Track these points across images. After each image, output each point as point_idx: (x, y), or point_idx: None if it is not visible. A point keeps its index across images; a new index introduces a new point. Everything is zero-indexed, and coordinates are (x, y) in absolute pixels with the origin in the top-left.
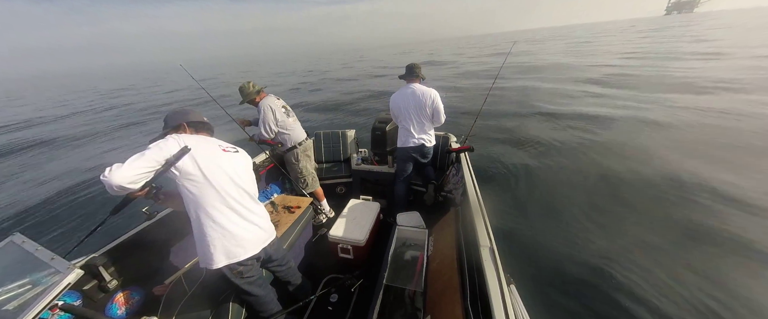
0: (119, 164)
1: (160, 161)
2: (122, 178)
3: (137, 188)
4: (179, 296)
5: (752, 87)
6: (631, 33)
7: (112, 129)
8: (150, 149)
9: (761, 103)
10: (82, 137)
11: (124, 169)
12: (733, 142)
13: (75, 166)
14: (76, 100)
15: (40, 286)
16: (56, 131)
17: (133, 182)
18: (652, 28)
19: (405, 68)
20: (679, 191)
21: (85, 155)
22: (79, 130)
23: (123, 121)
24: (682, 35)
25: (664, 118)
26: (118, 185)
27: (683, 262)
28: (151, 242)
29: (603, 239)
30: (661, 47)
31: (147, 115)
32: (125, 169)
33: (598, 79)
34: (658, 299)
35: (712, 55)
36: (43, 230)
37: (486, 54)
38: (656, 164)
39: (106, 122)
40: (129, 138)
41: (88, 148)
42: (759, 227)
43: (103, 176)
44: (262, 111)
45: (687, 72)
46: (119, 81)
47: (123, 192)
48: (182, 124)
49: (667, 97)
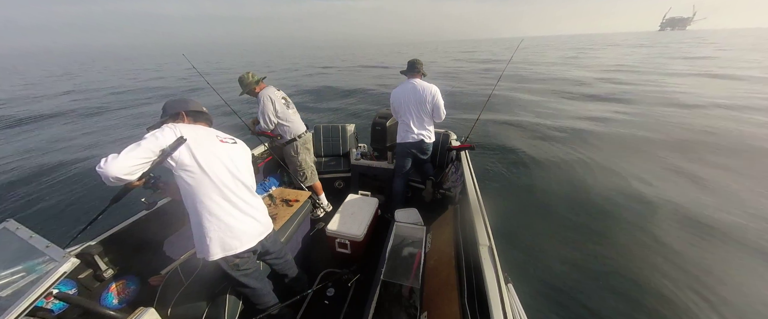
0: (115, 155)
1: (155, 151)
2: (118, 169)
3: (134, 179)
4: (175, 287)
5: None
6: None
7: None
8: (146, 139)
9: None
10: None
11: (119, 160)
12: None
13: (73, 151)
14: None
15: (35, 274)
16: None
17: (129, 173)
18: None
19: (407, 64)
20: (680, 191)
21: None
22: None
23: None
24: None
25: (664, 127)
26: (114, 176)
27: (683, 262)
28: (147, 232)
29: (602, 239)
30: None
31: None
32: (121, 160)
33: (597, 88)
34: (655, 298)
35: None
36: (36, 217)
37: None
38: (656, 169)
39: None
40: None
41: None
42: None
43: (99, 166)
44: (262, 102)
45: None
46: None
47: (120, 183)
48: (180, 113)
49: (664, 110)
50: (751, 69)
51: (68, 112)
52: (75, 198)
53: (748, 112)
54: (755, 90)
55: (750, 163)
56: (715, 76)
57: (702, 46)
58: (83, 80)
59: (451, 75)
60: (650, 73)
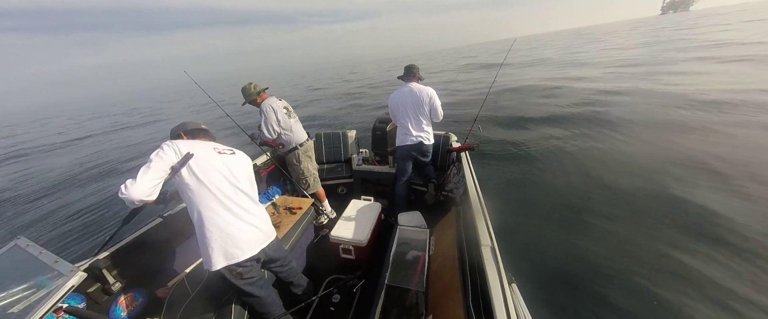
0: (132, 180)
1: (165, 169)
2: (140, 192)
3: (154, 198)
4: (182, 298)
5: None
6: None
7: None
8: (152, 160)
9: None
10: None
11: (138, 184)
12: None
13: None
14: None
15: (44, 289)
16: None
17: (149, 194)
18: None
19: (403, 69)
20: (681, 191)
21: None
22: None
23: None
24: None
25: (676, 121)
26: (138, 199)
27: (683, 262)
28: (153, 244)
29: (605, 239)
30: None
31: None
32: (139, 183)
33: (602, 82)
34: (659, 297)
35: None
36: (45, 234)
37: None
38: (662, 166)
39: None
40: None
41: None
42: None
43: (121, 193)
44: (265, 112)
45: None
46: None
47: (142, 204)
48: (179, 134)
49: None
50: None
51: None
52: (89, 214)
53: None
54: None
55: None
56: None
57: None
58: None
59: (445, 81)
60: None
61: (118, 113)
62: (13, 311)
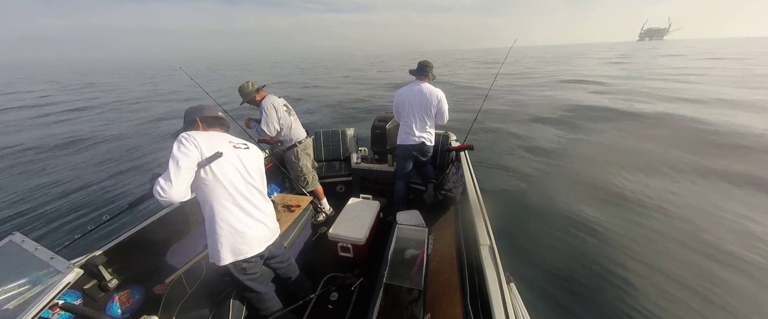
0: (167, 182)
1: (193, 167)
2: (179, 194)
3: (189, 197)
4: (179, 294)
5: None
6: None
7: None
8: (179, 159)
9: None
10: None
11: (175, 186)
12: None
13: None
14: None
15: (40, 285)
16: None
17: (185, 194)
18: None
19: (417, 64)
20: (681, 191)
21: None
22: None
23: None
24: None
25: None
26: (177, 200)
27: (684, 262)
28: (151, 240)
29: (603, 238)
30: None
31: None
32: (176, 186)
33: (599, 84)
34: (657, 297)
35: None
36: (41, 229)
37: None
38: (659, 167)
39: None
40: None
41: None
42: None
43: (159, 195)
44: (265, 110)
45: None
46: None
47: (179, 203)
48: (196, 120)
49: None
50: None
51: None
52: (80, 207)
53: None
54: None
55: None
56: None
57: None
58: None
59: (445, 82)
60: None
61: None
62: (8, 308)
